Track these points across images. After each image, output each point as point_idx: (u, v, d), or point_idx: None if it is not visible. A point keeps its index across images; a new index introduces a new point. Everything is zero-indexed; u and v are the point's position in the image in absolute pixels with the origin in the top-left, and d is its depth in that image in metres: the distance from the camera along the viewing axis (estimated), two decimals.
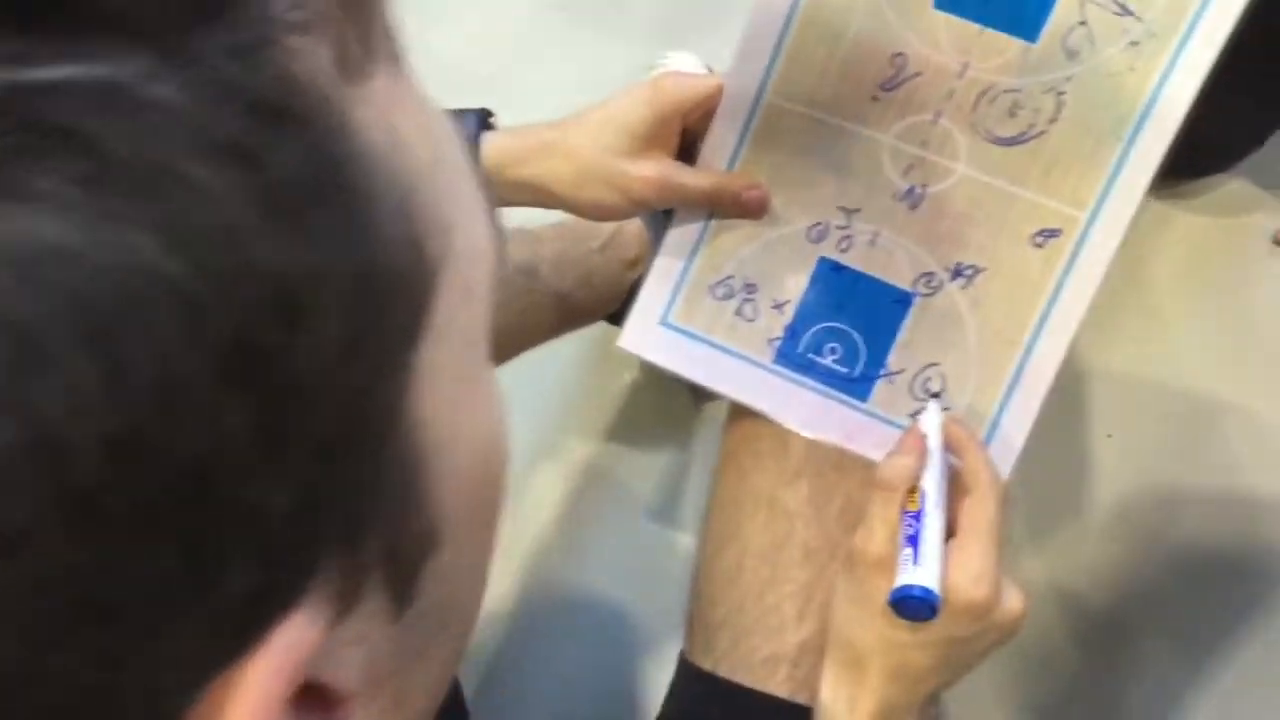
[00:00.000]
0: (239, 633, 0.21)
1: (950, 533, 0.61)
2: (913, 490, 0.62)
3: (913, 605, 0.57)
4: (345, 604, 0.24)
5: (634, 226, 0.98)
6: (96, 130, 0.18)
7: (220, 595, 0.20)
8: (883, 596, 0.60)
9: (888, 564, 0.61)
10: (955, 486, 0.64)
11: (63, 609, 0.18)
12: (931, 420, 0.66)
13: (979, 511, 0.61)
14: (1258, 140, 1.10)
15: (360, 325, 0.21)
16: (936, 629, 0.60)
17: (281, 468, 0.20)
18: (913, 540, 0.60)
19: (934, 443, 0.64)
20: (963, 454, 0.64)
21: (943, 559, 0.59)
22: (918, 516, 0.61)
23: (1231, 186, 1.13)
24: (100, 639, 0.19)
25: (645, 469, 1.12)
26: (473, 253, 0.26)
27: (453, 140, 0.27)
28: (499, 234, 0.29)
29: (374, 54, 0.23)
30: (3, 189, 0.17)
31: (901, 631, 0.60)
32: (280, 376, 0.20)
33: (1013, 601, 0.61)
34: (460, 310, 0.26)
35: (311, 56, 0.21)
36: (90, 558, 0.18)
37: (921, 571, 0.58)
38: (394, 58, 0.25)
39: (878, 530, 0.62)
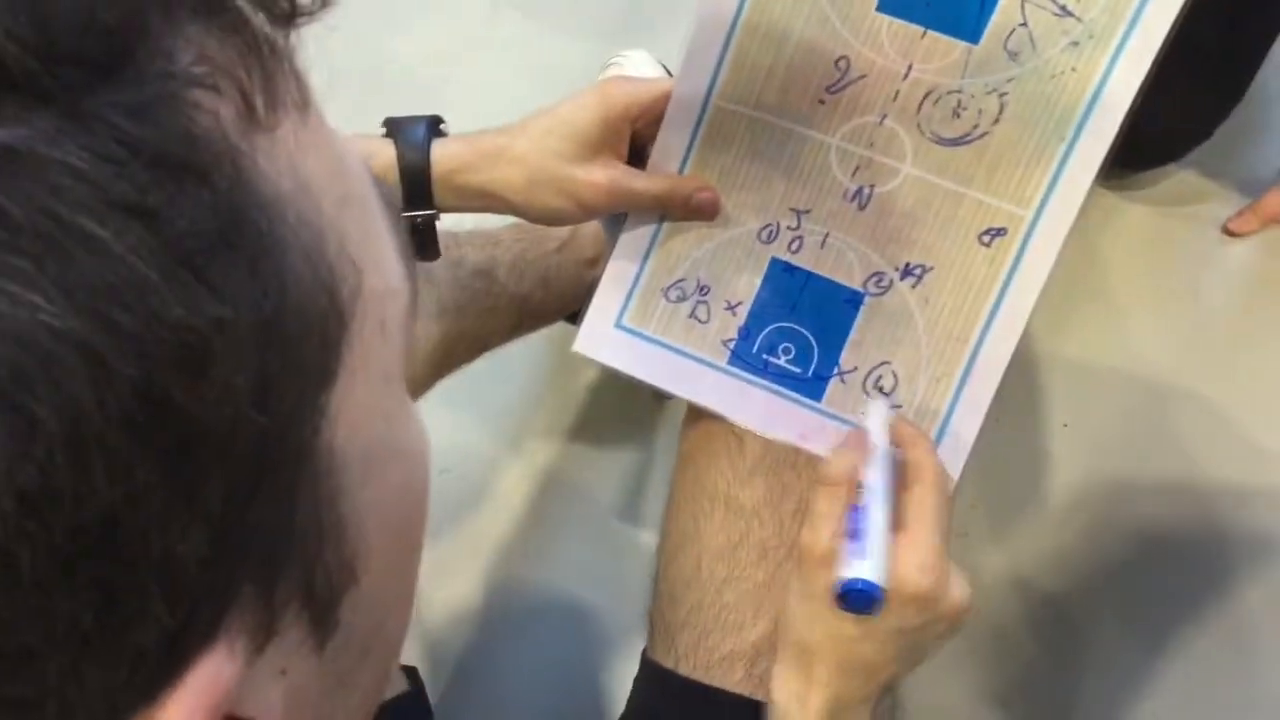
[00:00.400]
0: (155, 674, 0.22)
1: (898, 526, 0.61)
2: (857, 486, 0.62)
3: (856, 598, 0.57)
4: (262, 638, 0.24)
5: (591, 227, 0.99)
6: None
7: (135, 639, 0.21)
8: (818, 592, 0.60)
9: (832, 559, 0.60)
10: (901, 480, 0.63)
11: None
12: (876, 415, 0.66)
13: (923, 502, 0.61)
14: (1206, 132, 1.12)
15: (270, 371, 0.22)
16: (884, 621, 0.59)
17: (192, 515, 0.21)
18: (855, 534, 0.59)
19: (878, 437, 0.64)
20: (908, 447, 0.64)
21: (888, 551, 0.58)
22: (860, 510, 0.60)
23: (1181, 177, 1.15)
24: (16, 687, 0.19)
25: (607, 468, 1.12)
26: (386, 291, 0.27)
27: (364, 179, 0.28)
28: (411, 271, 0.29)
29: (279, 103, 0.24)
30: None
31: (848, 625, 0.60)
32: (188, 426, 0.20)
33: (959, 591, 0.60)
34: (375, 348, 0.26)
35: (214, 110, 0.22)
36: (3, 609, 0.18)
37: (864, 564, 0.57)
38: (302, 104, 0.25)
39: (821, 526, 0.61)
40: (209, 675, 0.22)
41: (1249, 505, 1.03)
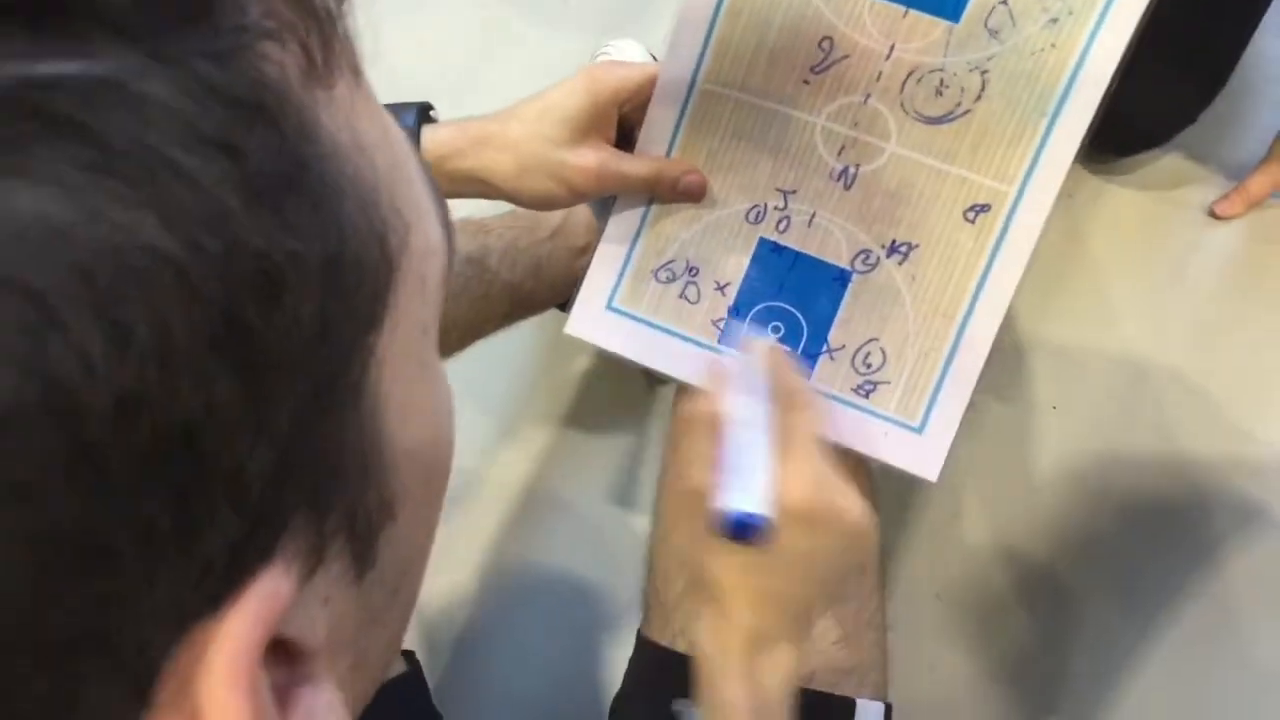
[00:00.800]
0: (220, 582, 0.23)
1: (779, 453, 0.57)
2: (727, 421, 0.58)
3: (740, 529, 0.53)
4: (313, 564, 0.26)
5: (582, 215, 0.99)
6: (98, 122, 0.20)
7: (205, 546, 0.22)
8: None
9: (701, 495, 0.57)
10: (778, 408, 0.60)
11: (65, 556, 0.20)
12: (751, 351, 0.64)
13: (798, 426, 0.58)
14: (1190, 117, 1.13)
15: (330, 308, 0.23)
16: (779, 549, 0.56)
17: (260, 434, 0.22)
18: (723, 467, 0.56)
19: (756, 372, 0.62)
20: (776, 376, 0.61)
21: (770, 480, 0.55)
22: (731, 444, 0.57)
23: (1167, 161, 1.16)
24: (98, 585, 0.20)
25: (600, 454, 1.13)
26: (426, 249, 0.29)
27: (406, 146, 0.29)
28: (449, 232, 0.31)
29: (335, 64, 0.25)
30: (16, 171, 0.19)
31: (746, 559, 0.57)
32: (262, 350, 0.22)
33: (852, 508, 0.57)
34: (415, 301, 0.28)
35: (280, 62, 0.23)
36: (91, 508, 0.20)
37: (742, 495, 0.54)
38: (354, 69, 0.27)
39: (694, 464, 0.59)
40: (268, 590, 0.24)
41: (1233, 482, 1.04)
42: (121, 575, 0.21)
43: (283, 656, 0.26)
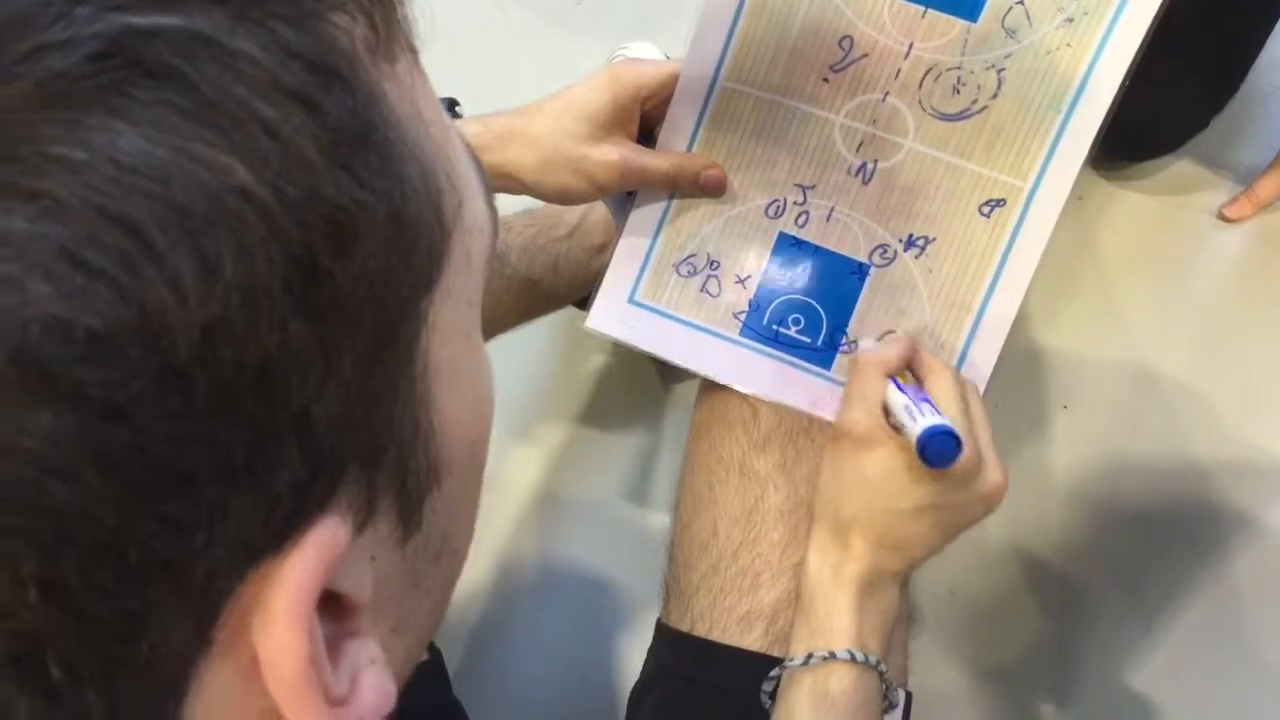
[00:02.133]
0: (286, 522, 0.24)
1: None
2: (901, 375, 0.66)
3: (940, 442, 0.59)
4: (364, 518, 0.27)
5: (600, 214, 1.00)
6: (193, 71, 0.21)
7: (273, 483, 0.23)
8: (867, 469, 0.64)
9: (867, 439, 0.64)
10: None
11: (150, 477, 0.21)
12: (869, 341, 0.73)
13: (946, 390, 0.65)
14: (1202, 123, 1.14)
15: (393, 262, 0.25)
16: (926, 497, 0.63)
17: (328, 377, 0.24)
18: (926, 400, 0.63)
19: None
20: (912, 351, 0.69)
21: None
22: (918, 388, 0.64)
23: (1177, 165, 1.17)
24: (177, 508, 0.22)
25: (615, 451, 1.14)
26: (474, 226, 0.30)
27: (455, 130, 0.31)
28: (494, 216, 0.33)
29: (397, 41, 0.27)
30: (119, 113, 0.20)
31: (890, 499, 0.63)
32: (333, 295, 0.23)
33: (996, 472, 0.64)
34: (462, 273, 0.29)
35: (350, 32, 0.25)
36: (177, 430, 0.21)
37: (943, 417, 0.60)
38: (413, 49, 0.29)
39: (857, 407, 0.65)
40: (326, 537, 0.25)
41: (1241, 483, 1.05)
42: (198, 502, 0.22)
43: (333, 610, 0.27)
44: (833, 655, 0.64)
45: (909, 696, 0.74)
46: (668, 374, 1.13)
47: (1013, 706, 1.04)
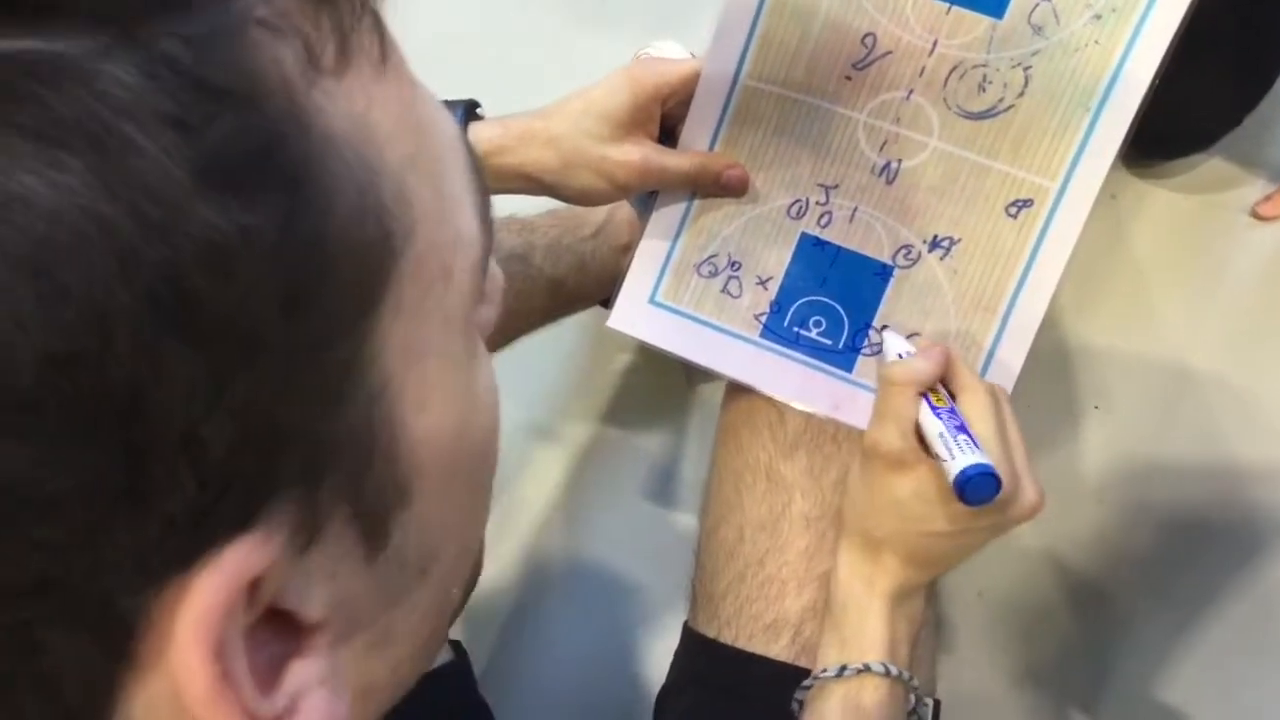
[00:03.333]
0: (185, 544, 0.24)
1: None
2: (934, 391, 0.64)
3: (981, 483, 0.58)
4: (305, 537, 0.26)
5: (625, 213, 1.00)
6: (47, 94, 0.21)
7: (164, 505, 0.23)
8: (899, 492, 0.63)
9: (899, 462, 0.63)
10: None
11: (10, 500, 0.21)
12: (894, 340, 0.72)
13: (976, 408, 0.63)
14: (1235, 120, 1.12)
15: (305, 285, 0.24)
16: (963, 521, 0.62)
17: (217, 403, 0.23)
18: (962, 428, 0.61)
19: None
20: (945, 365, 0.66)
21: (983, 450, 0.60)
22: (953, 411, 0.62)
23: (1210, 163, 1.15)
24: (47, 531, 0.21)
25: (641, 450, 1.14)
26: (456, 241, 0.30)
27: (447, 136, 0.30)
28: (487, 229, 0.32)
29: (351, 54, 0.26)
30: None
31: (923, 523, 0.63)
32: (215, 320, 0.22)
33: (1030, 493, 0.63)
34: (435, 290, 0.29)
35: (273, 49, 0.24)
36: (31, 456, 0.21)
37: (972, 456, 0.59)
38: (379, 59, 0.28)
39: (890, 427, 0.63)
40: (240, 557, 0.24)
41: (1275, 484, 1.03)
42: (68, 525, 0.22)
43: (280, 628, 0.27)
44: (867, 668, 0.64)
45: (938, 704, 0.74)
46: (694, 375, 1.13)
47: (1043, 710, 1.03)
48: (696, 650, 0.78)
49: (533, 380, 1.16)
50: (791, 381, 0.75)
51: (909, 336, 0.73)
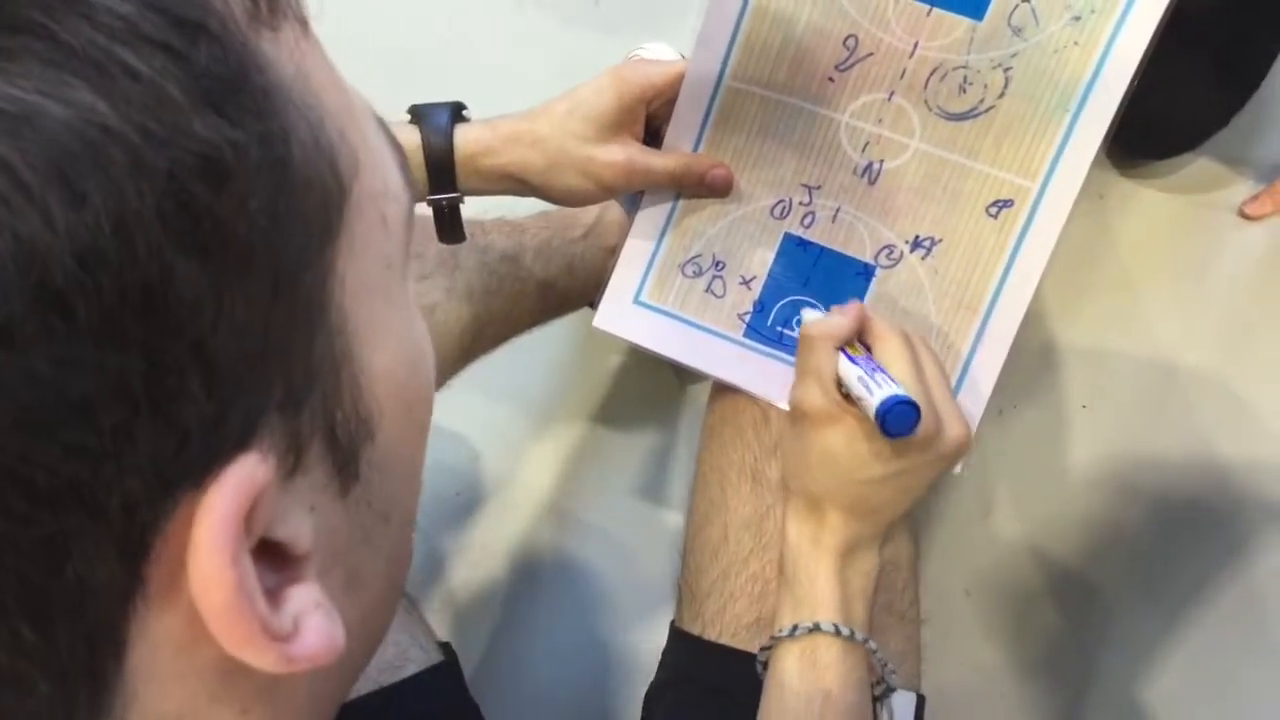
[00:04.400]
0: (198, 455, 0.25)
1: None
2: (851, 345, 0.66)
3: (900, 414, 0.59)
4: (291, 463, 0.28)
5: (614, 215, 1.01)
6: (51, 23, 0.23)
7: (179, 415, 0.24)
8: (830, 445, 0.64)
9: (825, 416, 0.64)
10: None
11: (47, 401, 0.22)
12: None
13: (895, 353, 0.65)
14: (1222, 121, 1.13)
15: (280, 208, 0.26)
16: (891, 464, 0.63)
17: (220, 312, 0.25)
18: (879, 370, 0.63)
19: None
20: (860, 320, 0.68)
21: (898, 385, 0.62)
22: (869, 358, 0.64)
23: (1197, 163, 1.16)
24: (78, 434, 0.23)
25: (631, 450, 1.14)
26: (386, 192, 0.32)
27: (362, 104, 0.32)
28: (409, 185, 0.34)
29: (280, 11, 0.28)
30: None
31: (856, 471, 0.64)
32: (213, 228, 0.24)
33: (956, 427, 0.64)
34: (377, 237, 0.31)
35: (225, 1, 0.26)
36: (64, 354, 0.22)
37: (888, 389, 0.60)
38: (301, 21, 0.30)
39: (811, 384, 0.65)
40: (245, 472, 0.26)
41: (1260, 480, 1.04)
42: (99, 429, 0.23)
43: (273, 559, 0.28)
44: (817, 627, 0.64)
45: (922, 699, 0.74)
46: (684, 375, 1.13)
47: (1031, 704, 1.04)
48: (682, 648, 0.78)
49: (523, 381, 1.17)
50: (775, 380, 0.76)
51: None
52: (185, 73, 0.24)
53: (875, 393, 0.60)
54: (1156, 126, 1.10)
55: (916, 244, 0.73)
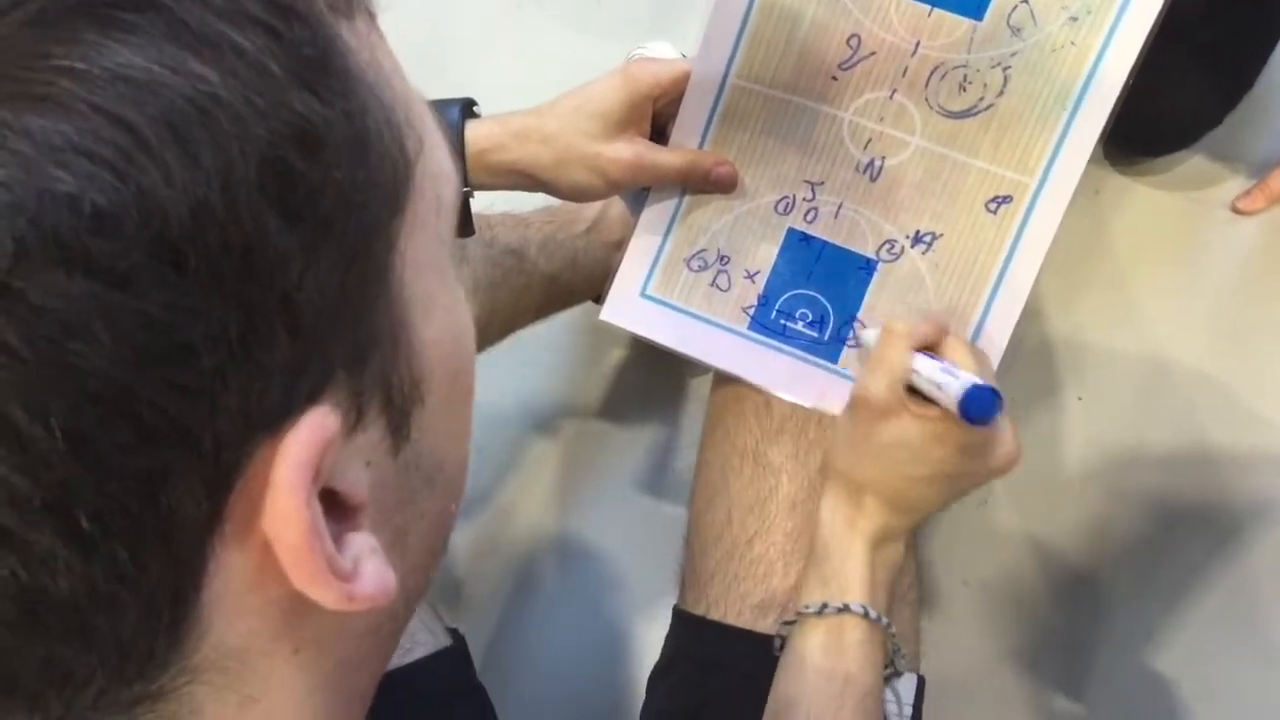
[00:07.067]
0: (281, 400, 0.28)
1: None
2: (925, 348, 0.68)
3: (983, 399, 0.60)
4: (353, 419, 0.30)
5: (618, 210, 1.02)
6: (172, 2, 0.25)
7: (266, 361, 0.27)
8: (885, 437, 0.66)
9: (886, 409, 0.66)
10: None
11: (157, 341, 0.25)
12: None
13: (964, 360, 0.66)
14: (1217, 119, 1.14)
15: (360, 175, 0.29)
16: (945, 464, 0.65)
17: (306, 270, 0.27)
18: (930, 376, 0.64)
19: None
20: (943, 332, 0.70)
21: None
22: (920, 362, 0.66)
23: (1191, 160, 1.17)
24: (182, 374, 0.25)
25: (635, 441, 1.15)
26: (439, 173, 0.34)
27: (418, 91, 0.34)
28: (460, 168, 0.36)
29: (354, 4, 0.31)
30: (109, 33, 0.25)
31: (906, 467, 0.66)
32: (303, 193, 0.27)
33: (1011, 443, 0.66)
34: (432, 215, 0.33)
35: None
36: (175, 300, 0.25)
37: (968, 377, 0.61)
38: (370, 14, 0.32)
39: (880, 377, 0.66)
40: (318, 421, 0.28)
41: (1255, 472, 1.05)
42: (200, 371, 0.25)
43: (333, 509, 0.30)
44: (847, 608, 0.66)
45: (921, 680, 0.76)
46: (689, 367, 1.15)
47: (1027, 695, 1.05)
48: (685, 629, 0.80)
49: (528, 374, 1.18)
50: (778, 372, 0.77)
51: None
52: (283, 51, 0.27)
53: (960, 377, 0.61)
54: (1151, 124, 1.11)
55: (917, 239, 0.75)
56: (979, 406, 0.60)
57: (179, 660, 0.29)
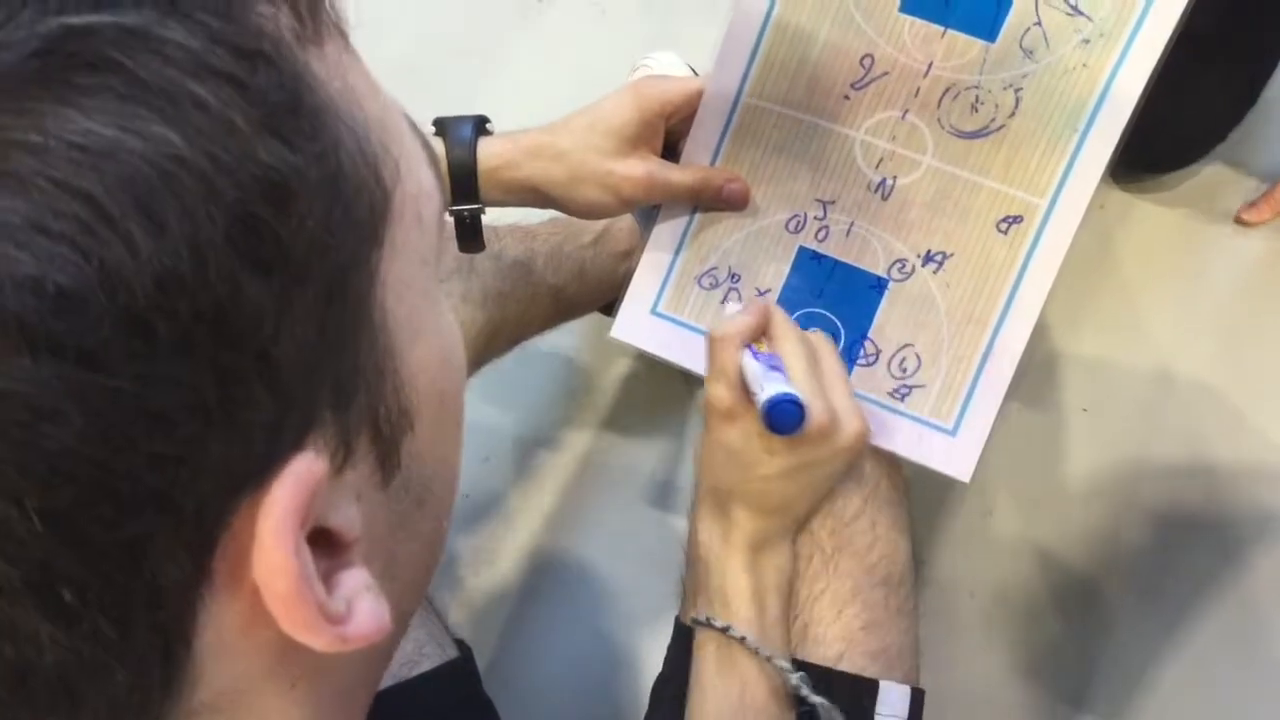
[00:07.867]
0: (263, 455, 0.27)
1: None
2: (759, 343, 0.68)
3: (785, 411, 0.61)
4: (341, 458, 0.30)
5: (624, 222, 1.02)
6: (127, 60, 0.24)
7: (246, 420, 0.26)
8: (731, 441, 0.66)
9: (728, 413, 0.66)
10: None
11: (130, 416, 0.24)
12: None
13: (786, 348, 0.67)
14: (1221, 135, 1.15)
15: (333, 220, 0.28)
16: (791, 458, 0.65)
17: (281, 323, 0.26)
18: (775, 368, 0.65)
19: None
20: (766, 318, 0.70)
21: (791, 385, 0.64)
22: (771, 356, 0.67)
23: (1195, 173, 1.18)
24: (159, 444, 0.25)
25: (640, 454, 1.16)
26: (420, 192, 0.33)
27: (395, 109, 0.34)
28: (441, 183, 0.36)
29: (323, 25, 0.30)
30: (66, 100, 0.24)
31: (756, 468, 0.66)
32: (276, 247, 0.26)
33: (852, 423, 0.66)
34: (413, 235, 0.33)
35: (275, 21, 0.28)
36: (146, 373, 0.24)
37: (775, 387, 0.62)
38: (342, 34, 0.31)
39: (719, 382, 0.67)
40: (303, 468, 0.28)
41: (1259, 485, 1.06)
42: (177, 439, 0.25)
43: (326, 546, 0.30)
44: (728, 629, 0.67)
45: (919, 693, 0.76)
46: (694, 381, 1.15)
47: (1031, 708, 1.05)
48: (687, 641, 0.80)
49: (534, 386, 1.18)
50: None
51: (902, 347, 0.75)
52: (249, 101, 0.26)
53: (763, 391, 0.62)
54: (1158, 141, 1.12)
55: (928, 258, 0.75)
56: (782, 421, 0.61)
57: (174, 708, 0.29)
